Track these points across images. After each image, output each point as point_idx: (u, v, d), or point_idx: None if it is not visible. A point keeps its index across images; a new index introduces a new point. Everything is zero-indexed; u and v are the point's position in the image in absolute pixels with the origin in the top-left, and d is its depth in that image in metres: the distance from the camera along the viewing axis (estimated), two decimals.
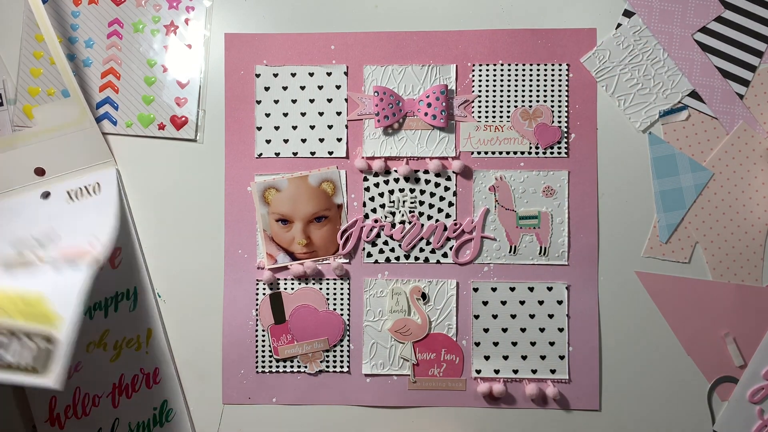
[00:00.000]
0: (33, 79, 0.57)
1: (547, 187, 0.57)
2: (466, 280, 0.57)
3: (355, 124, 0.57)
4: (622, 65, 0.57)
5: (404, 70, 0.57)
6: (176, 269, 0.57)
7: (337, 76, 0.57)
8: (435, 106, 0.56)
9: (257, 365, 0.57)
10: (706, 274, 0.56)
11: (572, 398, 0.56)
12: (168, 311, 0.58)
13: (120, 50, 0.58)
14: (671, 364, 0.56)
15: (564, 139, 0.57)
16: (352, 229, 0.57)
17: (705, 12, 0.57)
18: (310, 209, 0.57)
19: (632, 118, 0.57)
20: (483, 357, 0.56)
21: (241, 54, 0.58)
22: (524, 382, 0.56)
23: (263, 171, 0.57)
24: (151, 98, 0.58)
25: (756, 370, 0.56)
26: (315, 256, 0.57)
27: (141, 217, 0.58)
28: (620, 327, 0.56)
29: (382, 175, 0.57)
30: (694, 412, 0.56)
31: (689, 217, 0.56)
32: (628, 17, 0.57)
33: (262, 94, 0.58)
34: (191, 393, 0.57)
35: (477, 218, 0.57)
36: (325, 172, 0.57)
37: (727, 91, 0.57)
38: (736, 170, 0.56)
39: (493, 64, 0.57)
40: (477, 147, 0.57)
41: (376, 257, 0.57)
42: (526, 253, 0.57)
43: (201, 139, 0.58)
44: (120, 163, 0.58)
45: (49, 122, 0.56)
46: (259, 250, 0.57)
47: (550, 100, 0.57)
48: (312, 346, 0.57)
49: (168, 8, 0.58)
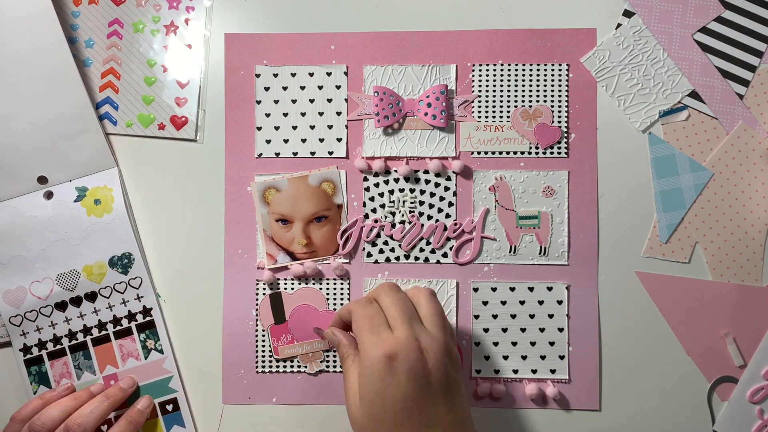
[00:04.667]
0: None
1: (547, 187, 0.57)
2: (466, 280, 0.57)
3: (355, 124, 0.57)
4: (622, 65, 0.57)
5: (404, 70, 0.57)
6: (176, 269, 0.58)
7: (337, 76, 0.57)
8: (435, 106, 0.56)
9: (257, 365, 0.57)
10: (706, 274, 0.56)
11: (572, 398, 0.56)
12: (168, 311, 0.58)
13: (120, 50, 0.58)
14: (671, 364, 0.56)
15: (564, 139, 0.57)
16: (352, 229, 0.57)
17: (705, 12, 0.57)
18: (310, 209, 0.57)
19: (632, 118, 0.57)
20: (483, 357, 0.56)
21: (241, 54, 0.58)
22: (524, 382, 0.56)
23: (263, 171, 0.57)
24: (151, 98, 0.58)
25: (756, 370, 0.56)
26: (315, 256, 0.57)
27: (141, 216, 0.58)
28: (620, 327, 0.56)
29: (382, 175, 0.57)
30: (694, 412, 0.56)
31: (689, 217, 0.56)
32: (628, 17, 0.57)
33: (262, 94, 0.58)
34: (191, 392, 0.57)
35: (477, 218, 0.57)
36: (325, 172, 0.57)
37: (727, 91, 0.57)
38: (736, 170, 0.56)
39: (493, 64, 0.57)
40: (477, 147, 0.57)
41: (376, 257, 0.57)
42: (526, 253, 0.57)
43: (201, 139, 0.58)
44: (120, 163, 0.58)
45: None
46: (259, 250, 0.57)
47: (550, 100, 0.57)
48: (312, 346, 0.57)
49: (168, 8, 0.58)
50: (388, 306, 0.45)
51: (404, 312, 0.45)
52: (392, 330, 0.44)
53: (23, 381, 0.57)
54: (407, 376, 0.42)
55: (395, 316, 0.44)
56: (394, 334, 0.43)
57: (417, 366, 0.42)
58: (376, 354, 0.42)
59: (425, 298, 0.47)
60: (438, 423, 0.42)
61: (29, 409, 0.52)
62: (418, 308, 0.46)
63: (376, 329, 0.44)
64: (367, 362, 0.43)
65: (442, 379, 0.43)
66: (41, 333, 0.57)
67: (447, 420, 0.42)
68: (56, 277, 0.57)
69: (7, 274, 0.57)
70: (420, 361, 0.42)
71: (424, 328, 0.45)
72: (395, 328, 0.44)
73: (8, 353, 0.58)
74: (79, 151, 0.57)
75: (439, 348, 0.43)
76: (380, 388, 0.42)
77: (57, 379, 0.57)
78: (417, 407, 0.42)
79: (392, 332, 0.44)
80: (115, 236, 0.57)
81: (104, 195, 0.57)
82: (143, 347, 0.57)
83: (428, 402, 0.42)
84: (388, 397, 0.42)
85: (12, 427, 0.52)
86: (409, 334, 0.43)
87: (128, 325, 0.57)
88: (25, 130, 0.56)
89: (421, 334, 0.44)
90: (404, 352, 0.42)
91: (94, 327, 0.57)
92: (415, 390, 0.42)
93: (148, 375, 0.57)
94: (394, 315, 0.45)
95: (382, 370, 0.42)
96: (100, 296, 0.57)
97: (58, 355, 0.57)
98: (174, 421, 0.57)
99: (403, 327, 0.44)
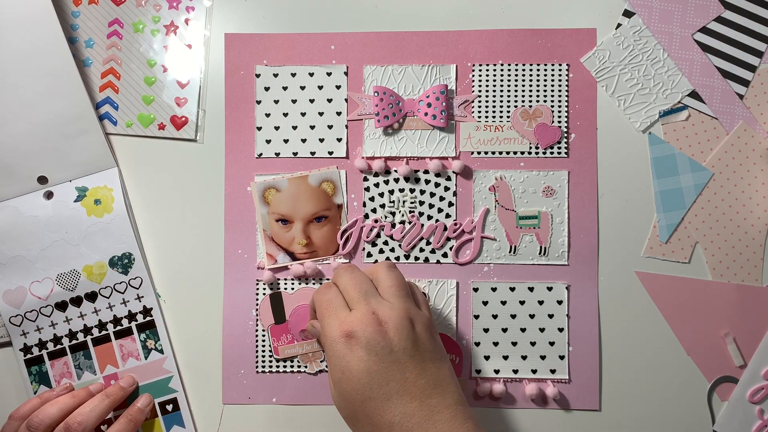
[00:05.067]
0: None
1: (547, 187, 0.57)
2: (466, 280, 0.57)
3: (355, 124, 0.57)
4: (622, 65, 0.57)
5: (404, 70, 0.57)
6: (176, 269, 0.58)
7: (337, 76, 0.57)
8: (435, 106, 0.56)
9: (257, 365, 0.57)
10: (706, 274, 0.56)
11: (572, 398, 0.56)
12: (168, 311, 0.58)
13: (120, 50, 0.58)
14: (671, 364, 0.56)
15: (564, 139, 0.57)
16: (352, 229, 0.57)
17: (705, 12, 0.57)
18: (310, 209, 0.57)
19: (632, 118, 0.57)
20: (483, 357, 0.56)
21: (241, 54, 0.58)
22: (524, 382, 0.56)
23: (263, 171, 0.57)
24: (151, 98, 0.58)
25: (756, 370, 0.56)
26: (315, 256, 0.57)
27: (141, 216, 0.58)
28: (620, 327, 0.56)
29: (382, 175, 0.57)
30: (694, 412, 0.56)
31: (689, 217, 0.56)
32: (628, 17, 0.57)
33: (262, 94, 0.58)
34: (191, 392, 0.57)
35: (477, 218, 0.57)
36: (325, 172, 0.57)
37: (727, 91, 0.56)
38: (736, 170, 0.56)
39: (493, 64, 0.57)
40: (477, 147, 0.57)
41: (376, 257, 0.57)
42: (526, 253, 0.57)
43: (201, 139, 0.58)
44: (120, 163, 0.58)
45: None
46: (259, 250, 0.57)
47: (550, 101, 0.57)
48: (312, 346, 0.57)
49: (168, 8, 0.58)
50: (345, 286, 0.47)
51: (360, 289, 0.46)
52: (350, 309, 0.45)
53: (24, 381, 0.57)
54: (366, 350, 0.42)
55: (352, 296, 0.46)
56: (351, 312, 0.44)
57: (376, 338, 0.43)
58: (335, 334, 0.44)
59: (383, 270, 0.48)
60: (409, 389, 0.42)
61: (27, 408, 0.52)
62: (376, 283, 0.47)
63: (334, 311, 0.45)
64: (329, 344, 0.44)
65: (407, 345, 0.43)
66: (41, 333, 0.57)
67: (419, 385, 0.42)
68: (56, 277, 0.57)
69: (7, 274, 0.57)
70: (378, 333, 0.43)
71: (382, 300, 0.46)
72: (352, 307, 0.45)
73: (8, 353, 0.58)
74: (79, 151, 0.57)
75: (399, 316, 0.44)
76: (344, 366, 0.43)
77: (57, 378, 0.57)
78: (383, 377, 0.42)
79: (349, 312, 0.45)
80: (115, 236, 0.57)
81: (104, 195, 0.57)
82: (143, 347, 0.57)
83: (394, 370, 0.42)
84: (352, 373, 0.42)
85: (10, 425, 0.52)
86: (365, 310, 0.44)
87: (128, 325, 0.57)
88: (25, 130, 0.56)
89: (378, 306, 0.44)
90: (360, 327, 0.43)
91: (95, 327, 0.57)
92: (378, 361, 0.42)
93: (148, 375, 0.57)
94: (351, 294, 0.46)
95: (343, 348, 0.43)
96: (100, 296, 0.57)
97: (58, 355, 0.57)
98: (174, 422, 0.57)
99: (359, 304, 0.45)
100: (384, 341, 0.43)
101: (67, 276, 0.57)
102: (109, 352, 0.57)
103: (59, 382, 0.57)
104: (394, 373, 0.42)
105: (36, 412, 0.51)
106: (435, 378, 0.43)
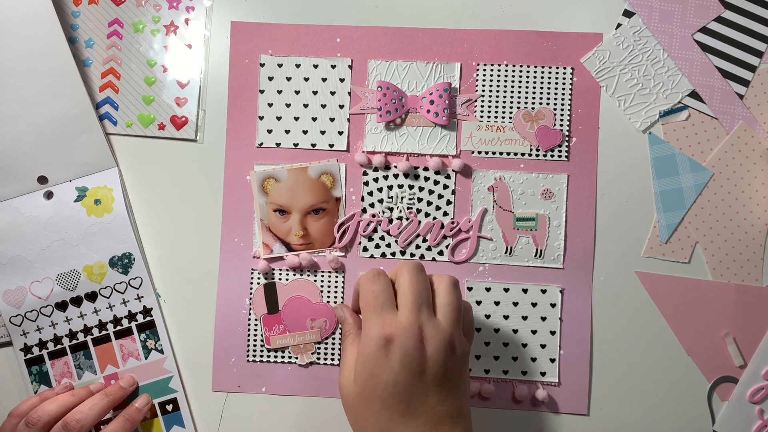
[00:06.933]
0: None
1: (546, 189, 0.57)
2: (460, 279, 0.57)
3: (356, 118, 0.57)
4: (622, 65, 0.57)
5: (409, 66, 0.57)
6: (176, 269, 0.58)
7: (342, 69, 0.57)
8: (438, 103, 0.56)
9: (248, 354, 0.57)
10: (706, 274, 0.56)
11: (561, 401, 0.56)
12: (168, 311, 0.58)
13: (120, 50, 0.58)
14: (671, 364, 0.56)
15: (565, 142, 0.57)
16: (350, 222, 0.57)
17: (705, 12, 0.57)
18: (309, 201, 0.57)
19: (632, 118, 0.57)
20: (474, 356, 0.56)
21: (247, 43, 0.58)
22: (514, 383, 0.56)
23: (263, 160, 0.57)
24: (151, 98, 0.58)
25: (756, 370, 0.56)
26: (311, 248, 0.57)
27: (141, 216, 0.58)
28: (620, 327, 0.56)
29: (381, 170, 0.57)
30: (694, 412, 0.56)
31: (689, 217, 0.56)
32: (628, 17, 0.57)
33: (266, 84, 0.58)
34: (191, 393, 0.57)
35: (474, 218, 0.57)
36: (324, 164, 0.57)
37: (727, 91, 0.56)
38: (736, 170, 0.56)
39: (498, 64, 0.57)
40: (478, 146, 0.57)
41: (372, 252, 0.57)
42: (521, 255, 0.56)
43: (201, 139, 0.58)
44: (120, 163, 0.58)
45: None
46: (255, 240, 0.57)
47: (553, 103, 0.57)
48: (304, 337, 0.57)
49: (168, 8, 0.58)
50: (404, 286, 0.44)
51: (417, 296, 0.43)
52: (397, 312, 0.43)
53: (24, 380, 0.58)
54: (401, 362, 0.41)
55: (406, 299, 0.43)
56: (397, 317, 0.43)
57: (413, 353, 0.41)
58: (374, 334, 0.42)
59: (445, 286, 0.45)
60: (424, 412, 0.42)
61: (27, 405, 0.53)
62: (435, 295, 0.45)
63: (379, 309, 0.43)
64: (366, 342, 0.43)
65: (439, 371, 0.42)
66: (42, 333, 0.57)
67: (436, 411, 0.42)
68: (56, 277, 0.57)
69: (7, 274, 0.57)
70: (417, 349, 0.42)
71: (433, 316, 0.43)
72: (401, 311, 0.43)
73: (9, 353, 0.58)
74: (79, 151, 0.57)
75: (442, 340, 0.42)
76: (374, 369, 0.42)
77: (58, 378, 0.57)
78: (407, 393, 0.41)
79: (395, 314, 0.43)
80: (116, 236, 0.57)
81: (104, 195, 0.57)
82: (143, 347, 0.57)
83: (419, 391, 0.42)
84: (381, 379, 0.42)
85: (9, 422, 0.52)
86: (412, 320, 0.42)
87: (128, 325, 0.57)
88: (25, 130, 0.56)
89: (426, 322, 0.42)
90: (402, 337, 0.41)
91: (95, 327, 0.57)
92: (408, 377, 0.41)
93: (149, 375, 0.57)
94: (406, 297, 0.43)
95: (378, 351, 0.42)
96: (100, 296, 0.57)
97: (58, 355, 0.57)
98: (174, 422, 0.57)
99: (409, 311, 0.42)
100: (420, 359, 0.42)
101: (67, 276, 0.57)
102: (109, 352, 0.57)
103: (59, 382, 0.57)
104: (418, 394, 0.42)
105: (35, 408, 0.52)
106: (453, 409, 0.43)
